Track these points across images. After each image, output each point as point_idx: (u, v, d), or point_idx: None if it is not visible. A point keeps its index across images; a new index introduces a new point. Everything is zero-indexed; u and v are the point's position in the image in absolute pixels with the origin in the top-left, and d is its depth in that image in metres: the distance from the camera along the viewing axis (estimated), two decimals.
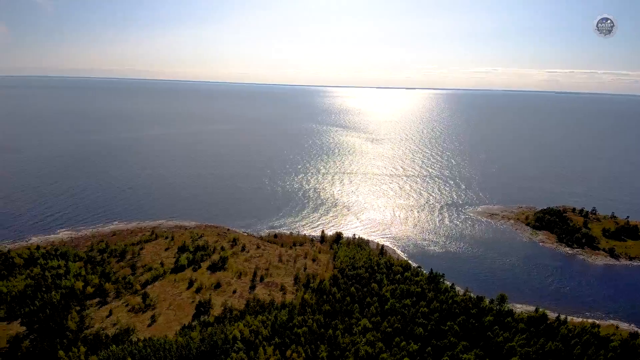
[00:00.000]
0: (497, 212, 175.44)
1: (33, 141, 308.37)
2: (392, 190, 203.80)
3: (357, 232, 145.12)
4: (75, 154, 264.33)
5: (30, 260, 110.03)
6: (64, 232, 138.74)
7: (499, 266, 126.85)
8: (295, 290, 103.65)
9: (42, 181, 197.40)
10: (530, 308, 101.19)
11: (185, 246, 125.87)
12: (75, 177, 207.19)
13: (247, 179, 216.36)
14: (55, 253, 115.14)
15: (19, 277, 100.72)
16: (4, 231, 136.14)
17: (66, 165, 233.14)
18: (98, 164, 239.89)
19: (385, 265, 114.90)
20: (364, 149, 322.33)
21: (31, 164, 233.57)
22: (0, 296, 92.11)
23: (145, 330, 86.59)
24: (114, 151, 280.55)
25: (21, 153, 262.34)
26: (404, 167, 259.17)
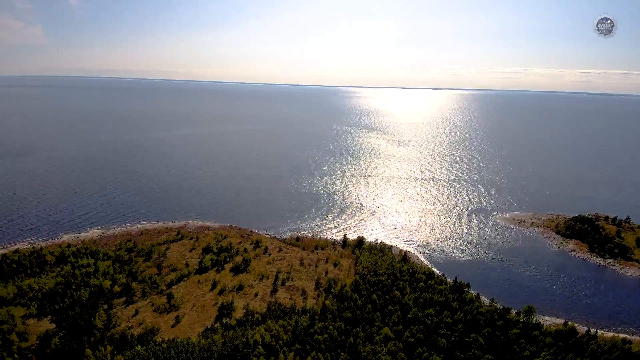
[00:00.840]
0: (525, 218, 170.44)
1: (66, 140, 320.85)
2: (416, 194, 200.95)
3: (379, 237, 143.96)
4: (105, 154, 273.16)
5: (61, 258, 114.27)
6: (94, 231, 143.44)
7: (526, 276, 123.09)
8: (317, 295, 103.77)
9: (75, 180, 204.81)
10: (559, 321, 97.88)
11: (209, 247, 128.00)
12: (106, 176, 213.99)
13: (271, 180, 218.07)
14: (85, 251, 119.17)
15: (50, 275, 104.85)
16: (38, 229, 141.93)
17: (98, 164, 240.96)
18: (128, 163, 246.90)
19: (408, 272, 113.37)
20: (388, 151, 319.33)
21: (65, 163, 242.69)
22: (32, 293, 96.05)
23: (169, 331, 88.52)
24: (142, 151, 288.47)
25: (56, 152, 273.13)
26: (429, 170, 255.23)
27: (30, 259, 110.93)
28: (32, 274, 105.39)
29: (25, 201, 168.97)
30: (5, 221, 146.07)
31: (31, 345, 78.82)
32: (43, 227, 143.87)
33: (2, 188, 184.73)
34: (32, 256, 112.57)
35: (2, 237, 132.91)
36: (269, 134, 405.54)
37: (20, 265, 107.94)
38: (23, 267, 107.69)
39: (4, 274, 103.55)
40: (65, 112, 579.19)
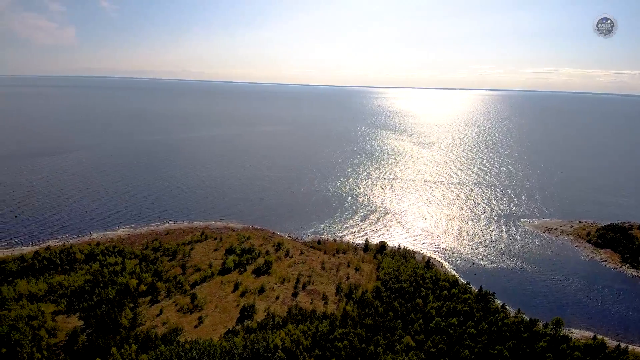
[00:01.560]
0: (555, 226, 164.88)
1: (98, 140, 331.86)
2: (442, 199, 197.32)
3: (402, 242, 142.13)
4: (136, 153, 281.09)
5: (91, 256, 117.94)
6: (122, 230, 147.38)
7: (555, 286, 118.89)
8: (337, 300, 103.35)
9: (106, 179, 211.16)
10: (588, 334, 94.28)
11: (232, 248, 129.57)
12: (137, 176, 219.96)
13: (294, 182, 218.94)
14: (114, 250, 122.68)
15: (79, 272, 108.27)
16: (69, 226, 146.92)
17: (129, 164, 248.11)
18: (157, 163, 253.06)
19: (431, 280, 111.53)
20: (413, 154, 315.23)
21: (97, 162, 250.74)
22: (61, 290, 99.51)
23: (192, 331, 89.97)
24: (171, 151, 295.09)
25: (88, 151, 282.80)
26: (456, 174, 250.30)
27: (61, 256, 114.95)
28: (62, 271, 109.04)
29: (60, 199, 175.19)
30: (40, 219, 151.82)
31: (60, 341, 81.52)
32: (74, 225, 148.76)
33: (38, 186, 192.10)
34: (63, 254, 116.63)
35: (35, 234, 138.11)
36: (292, 136, 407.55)
37: (51, 262, 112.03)
38: (54, 264, 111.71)
39: (35, 271, 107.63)
40: (97, 112, 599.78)
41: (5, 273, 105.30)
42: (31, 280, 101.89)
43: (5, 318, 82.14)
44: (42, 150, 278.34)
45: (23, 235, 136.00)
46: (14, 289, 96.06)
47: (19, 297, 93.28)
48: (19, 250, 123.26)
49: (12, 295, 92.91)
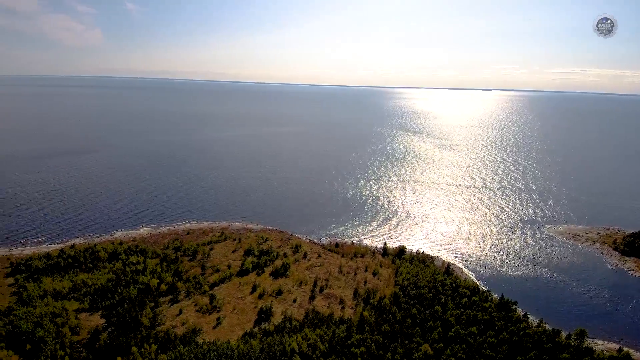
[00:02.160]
0: (580, 232, 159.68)
1: (123, 140, 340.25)
2: (463, 203, 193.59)
3: (422, 247, 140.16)
4: (160, 154, 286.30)
5: (114, 254, 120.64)
6: (144, 229, 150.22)
7: (579, 295, 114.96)
8: (355, 305, 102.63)
9: (131, 178, 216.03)
10: (613, 346, 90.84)
11: (250, 249, 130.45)
12: (160, 175, 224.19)
13: (313, 183, 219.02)
14: (136, 249, 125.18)
15: (102, 271, 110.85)
16: (94, 225, 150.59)
17: (153, 164, 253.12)
18: (179, 163, 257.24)
19: (450, 287, 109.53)
20: (434, 156, 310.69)
21: (122, 161, 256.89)
22: (85, 288, 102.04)
23: (210, 332, 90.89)
24: (193, 151, 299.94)
25: (114, 151, 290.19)
26: (478, 177, 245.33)
27: (85, 254, 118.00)
28: (87, 270, 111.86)
29: (87, 198, 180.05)
30: (66, 217, 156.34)
31: (82, 339, 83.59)
32: (99, 223, 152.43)
33: (65, 185, 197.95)
34: (87, 252, 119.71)
35: (61, 232, 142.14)
36: (311, 136, 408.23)
37: (76, 260, 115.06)
38: (78, 262, 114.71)
39: (60, 269, 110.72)
40: (122, 112, 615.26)
41: (31, 270, 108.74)
42: (56, 278, 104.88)
43: (30, 315, 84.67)
44: (69, 149, 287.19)
45: (50, 233, 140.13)
46: (39, 286, 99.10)
47: (44, 294, 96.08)
48: (45, 248, 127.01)
49: (37, 293, 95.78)
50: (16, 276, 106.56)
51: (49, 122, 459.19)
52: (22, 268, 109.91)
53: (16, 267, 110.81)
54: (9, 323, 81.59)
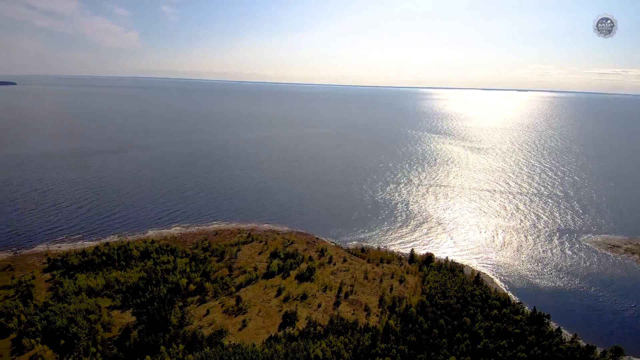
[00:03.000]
0: (619, 243, 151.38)
1: (158, 140, 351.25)
2: (495, 209, 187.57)
3: (450, 254, 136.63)
4: (193, 154, 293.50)
5: (145, 253, 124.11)
6: (175, 228, 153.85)
7: (616, 310, 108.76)
8: (380, 313, 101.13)
9: (164, 178, 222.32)
10: None
11: (276, 252, 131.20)
12: (191, 175, 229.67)
13: (340, 186, 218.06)
14: (166, 249, 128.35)
15: (134, 269, 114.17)
16: (127, 223, 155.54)
17: (186, 163, 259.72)
18: (211, 163, 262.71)
19: (480, 297, 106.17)
20: (467, 160, 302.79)
21: (157, 161, 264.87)
22: (117, 285, 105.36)
23: (236, 334, 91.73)
24: (224, 152, 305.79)
25: (149, 151, 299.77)
26: (512, 183, 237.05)
27: (119, 252, 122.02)
28: (120, 267, 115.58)
29: (124, 197, 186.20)
30: (102, 215, 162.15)
31: (113, 336, 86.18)
32: (132, 222, 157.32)
33: (102, 183, 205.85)
34: (120, 250, 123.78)
35: (97, 230, 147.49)
36: (339, 138, 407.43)
37: (109, 258, 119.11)
38: (112, 260, 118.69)
39: (94, 266, 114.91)
40: (156, 112, 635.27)
41: (67, 266, 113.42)
42: (90, 275, 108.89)
43: (65, 311, 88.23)
44: (106, 148, 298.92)
45: (86, 231, 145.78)
46: (74, 282, 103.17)
47: (79, 291, 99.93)
48: (81, 245, 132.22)
49: (72, 289, 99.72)
50: (53, 272, 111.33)
51: (88, 121, 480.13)
52: (59, 264, 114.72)
53: (53, 263, 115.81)
54: (44, 318, 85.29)
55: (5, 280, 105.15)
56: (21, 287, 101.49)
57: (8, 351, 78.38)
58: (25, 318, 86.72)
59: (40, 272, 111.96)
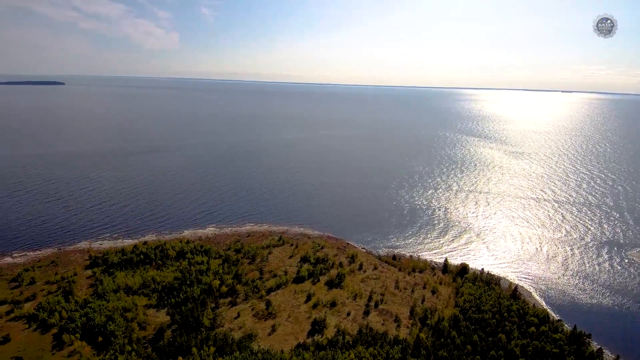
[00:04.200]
0: None
1: (195, 140, 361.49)
2: (536, 218, 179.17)
3: (486, 266, 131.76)
4: (228, 154, 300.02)
5: (181, 253, 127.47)
6: (209, 228, 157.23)
7: None
8: (410, 325, 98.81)
9: (200, 178, 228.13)
10: None
11: (307, 256, 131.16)
12: (227, 176, 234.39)
13: (373, 190, 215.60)
14: (201, 249, 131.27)
15: (170, 269, 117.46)
16: (165, 222, 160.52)
17: (221, 164, 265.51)
18: (244, 165, 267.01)
19: (517, 313, 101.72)
20: (506, 165, 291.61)
21: (194, 162, 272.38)
22: (154, 284, 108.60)
23: (265, 339, 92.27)
24: (257, 153, 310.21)
25: (186, 151, 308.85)
26: (555, 190, 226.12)
27: (156, 252, 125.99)
28: (156, 267, 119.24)
29: (161, 196, 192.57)
30: (141, 214, 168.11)
31: (148, 335, 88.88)
32: (169, 221, 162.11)
33: (142, 183, 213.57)
34: (158, 249, 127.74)
35: (136, 228, 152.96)
36: (373, 140, 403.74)
37: (147, 257, 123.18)
38: (149, 258, 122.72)
39: (133, 264, 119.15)
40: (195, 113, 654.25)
41: (107, 264, 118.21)
42: (129, 273, 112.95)
43: (104, 308, 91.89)
44: (146, 148, 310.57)
45: (126, 229, 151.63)
46: (113, 280, 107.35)
47: (117, 288, 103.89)
48: (121, 243, 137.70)
49: (111, 287, 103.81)
50: (94, 269, 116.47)
51: (130, 121, 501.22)
52: (99, 262, 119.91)
53: (94, 260, 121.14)
54: (84, 315, 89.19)
55: (49, 276, 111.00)
56: (63, 283, 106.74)
57: (49, 346, 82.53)
58: (66, 314, 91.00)
59: (82, 268, 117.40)
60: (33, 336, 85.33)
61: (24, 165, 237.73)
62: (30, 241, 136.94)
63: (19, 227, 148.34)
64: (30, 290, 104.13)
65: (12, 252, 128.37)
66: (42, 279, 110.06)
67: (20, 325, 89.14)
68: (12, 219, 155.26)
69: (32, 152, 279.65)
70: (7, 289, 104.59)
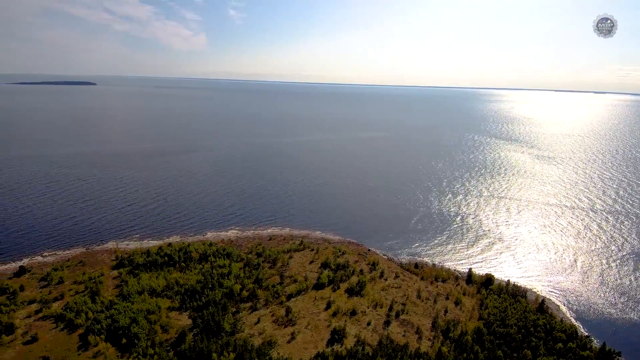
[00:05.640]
0: None
1: (222, 142, 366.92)
2: (567, 227, 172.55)
3: (513, 277, 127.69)
4: (252, 155, 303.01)
5: (204, 256, 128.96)
6: (232, 231, 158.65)
7: None
8: (432, 337, 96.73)
9: (224, 179, 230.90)
10: None
11: (327, 262, 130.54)
12: (249, 177, 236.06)
13: (395, 194, 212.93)
14: (223, 252, 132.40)
15: (193, 271, 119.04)
16: (189, 224, 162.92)
17: (246, 166, 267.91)
18: (268, 167, 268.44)
19: (544, 328, 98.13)
20: (535, 170, 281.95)
21: (220, 163, 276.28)
22: (177, 287, 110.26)
23: (284, 346, 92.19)
24: (281, 155, 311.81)
25: (213, 152, 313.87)
26: (588, 198, 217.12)
27: (180, 254, 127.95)
28: (180, 269, 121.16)
29: (185, 197, 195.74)
30: (168, 215, 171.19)
31: (170, 338, 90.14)
32: (193, 222, 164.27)
33: (168, 183, 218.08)
34: (181, 251, 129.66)
35: (161, 229, 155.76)
36: (397, 142, 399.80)
37: (171, 258, 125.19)
38: (173, 260, 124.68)
39: (157, 266, 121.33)
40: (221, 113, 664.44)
41: (133, 265, 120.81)
42: (153, 275, 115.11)
43: (128, 310, 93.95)
44: (173, 148, 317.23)
45: (151, 230, 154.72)
46: (138, 282, 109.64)
47: (142, 290, 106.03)
48: (147, 244, 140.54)
49: (136, 289, 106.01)
50: (120, 270, 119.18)
51: (159, 121, 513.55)
52: (125, 262, 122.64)
53: (120, 260, 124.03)
54: (109, 317, 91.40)
55: (77, 276, 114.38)
56: (90, 283, 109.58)
57: (75, 346, 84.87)
58: (92, 315, 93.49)
59: (108, 269, 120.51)
60: (60, 336, 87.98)
61: (60, 165, 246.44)
62: (60, 240, 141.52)
63: (50, 225, 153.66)
64: (58, 289, 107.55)
65: (43, 251, 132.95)
66: (70, 278, 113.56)
67: (48, 324, 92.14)
68: (44, 218, 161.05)
69: (68, 151, 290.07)
70: (36, 288, 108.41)
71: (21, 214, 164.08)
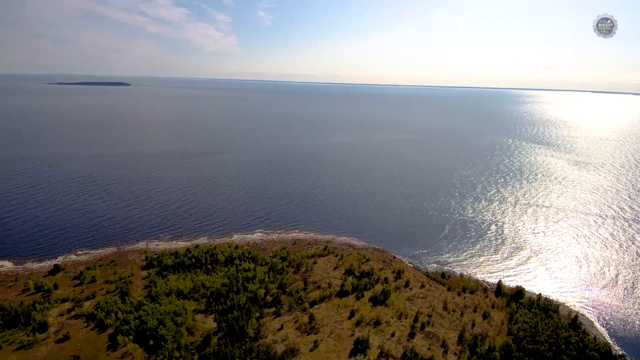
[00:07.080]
0: None
1: (249, 143, 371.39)
2: (604, 238, 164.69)
3: (545, 290, 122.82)
4: (280, 158, 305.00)
5: (229, 259, 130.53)
6: (257, 234, 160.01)
7: None
8: (459, 352, 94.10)
9: (252, 181, 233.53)
10: None
11: (351, 269, 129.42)
12: (277, 180, 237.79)
13: (425, 200, 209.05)
14: (248, 256, 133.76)
15: (219, 274, 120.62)
16: (216, 225, 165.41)
17: (272, 168, 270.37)
18: (297, 168, 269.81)
19: (576, 346, 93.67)
20: (572, 177, 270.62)
21: (248, 164, 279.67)
22: (203, 289, 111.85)
23: (307, 354, 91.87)
24: (307, 157, 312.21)
25: (241, 153, 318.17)
26: (630, 207, 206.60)
27: (206, 256, 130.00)
28: (206, 271, 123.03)
29: (214, 198, 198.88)
30: (196, 216, 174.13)
31: (195, 341, 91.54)
32: (220, 224, 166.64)
33: (200, 185, 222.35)
34: (208, 254, 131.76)
35: (190, 230, 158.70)
36: (427, 145, 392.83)
37: (198, 260, 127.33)
38: (200, 262, 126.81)
39: (184, 267, 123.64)
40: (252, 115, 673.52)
41: (162, 266, 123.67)
42: (180, 277, 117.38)
43: (156, 311, 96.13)
44: (204, 149, 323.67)
45: (180, 231, 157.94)
46: (166, 283, 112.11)
47: (169, 292, 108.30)
48: (175, 245, 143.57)
49: (164, 290, 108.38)
50: (149, 270, 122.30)
51: (190, 122, 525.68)
52: (155, 263, 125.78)
53: (150, 261, 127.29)
54: (138, 317, 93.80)
55: (108, 275, 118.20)
56: (121, 283, 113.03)
57: (104, 346, 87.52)
58: (122, 315, 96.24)
59: (138, 269, 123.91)
60: (90, 335, 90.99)
61: (101, 165, 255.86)
62: (93, 239, 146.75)
63: (84, 225, 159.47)
64: (90, 288, 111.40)
65: (77, 250, 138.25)
66: (102, 277, 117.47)
67: (79, 323, 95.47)
68: (79, 217, 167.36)
69: (103, 152, 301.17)
70: (70, 286, 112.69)
71: (57, 213, 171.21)
